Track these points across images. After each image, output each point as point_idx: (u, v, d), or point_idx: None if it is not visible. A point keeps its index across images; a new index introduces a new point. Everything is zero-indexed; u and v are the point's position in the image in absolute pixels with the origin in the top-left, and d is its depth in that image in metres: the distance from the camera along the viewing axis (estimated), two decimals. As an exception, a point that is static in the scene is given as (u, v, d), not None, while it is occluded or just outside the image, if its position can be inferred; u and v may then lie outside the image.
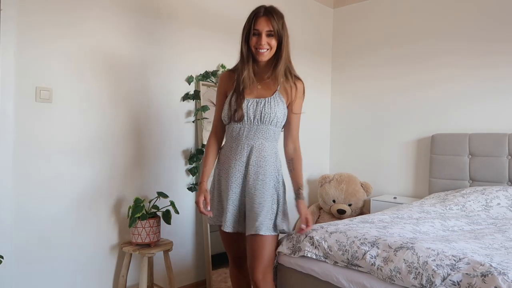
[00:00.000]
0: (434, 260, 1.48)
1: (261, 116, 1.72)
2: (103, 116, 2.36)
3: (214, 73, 2.90)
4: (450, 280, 1.41)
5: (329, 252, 1.76)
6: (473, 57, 3.15)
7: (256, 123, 1.73)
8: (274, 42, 1.71)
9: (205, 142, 2.84)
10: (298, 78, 1.82)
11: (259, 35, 1.70)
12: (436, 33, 3.35)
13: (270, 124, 1.74)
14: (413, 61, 3.48)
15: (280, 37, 1.72)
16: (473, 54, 3.16)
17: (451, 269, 1.43)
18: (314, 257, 1.80)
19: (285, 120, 1.79)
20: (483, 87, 3.11)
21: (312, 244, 1.82)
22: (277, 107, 1.74)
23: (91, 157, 2.31)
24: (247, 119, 1.73)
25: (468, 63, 3.18)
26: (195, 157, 2.78)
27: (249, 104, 1.74)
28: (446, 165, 3.14)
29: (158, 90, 2.63)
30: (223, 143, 1.90)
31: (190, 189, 2.81)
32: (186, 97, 2.77)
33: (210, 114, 2.88)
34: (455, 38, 3.25)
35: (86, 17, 2.26)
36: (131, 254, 2.35)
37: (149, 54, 2.57)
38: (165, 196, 2.43)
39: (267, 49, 1.71)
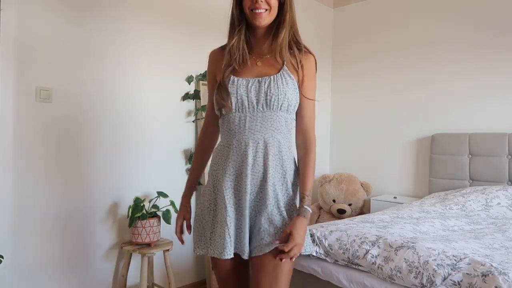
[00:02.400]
0: (435, 259, 1.48)
1: (266, 99, 1.33)
2: (103, 116, 2.36)
3: (214, 73, 2.90)
4: (450, 280, 1.41)
5: (330, 250, 1.76)
6: (473, 57, 3.15)
7: (261, 109, 1.34)
8: (274, 1, 1.33)
9: (205, 142, 2.84)
10: (307, 51, 1.43)
11: None
12: (436, 32, 3.35)
13: (280, 109, 1.34)
14: (413, 61, 3.48)
15: None
16: (473, 54, 3.15)
17: (451, 269, 1.43)
18: (314, 254, 1.80)
19: (297, 104, 1.41)
20: (483, 86, 3.11)
21: (313, 241, 1.82)
22: (286, 87, 1.34)
23: (91, 156, 2.31)
24: (249, 104, 1.34)
25: (468, 63, 3.18)
26: (195, 156, 2.78)
27: (250, 85, 1.34)
28: (446, 165, 3.14)
29: (158, 90, 2.63)
30: (218, 142, 1.49)
31: (190, 188, 2.81)
32: (186, 96, 2.77)
33: (210, 114, 2.88)
34: (455, 38, 3.25)
35: (87, 17, 2.26)
36: (131, 254, 2.34)
37: (149, 54, 2.57)
38: (165, 195, 2.43)
39: (266, 10, 1.32)
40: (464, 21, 3.20)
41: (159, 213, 2.41)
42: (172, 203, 2.39)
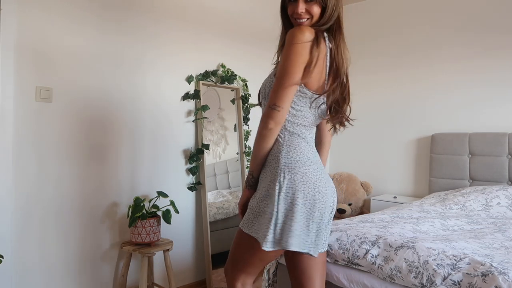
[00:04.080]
0: (435, 259, 1.48)
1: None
2: (102, 116, 2.36)
3: (214, 73, 2.90)
4: (450, 279, 1.41)
5: (330, 250, 1.76)
6: (474, 57, 3.15)
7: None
8: (316, 9, 1.38)
9: (205, 142, 2.84)
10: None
11: (295, 1, 1.39)
12: (437, 33, 3.35)
13: (264, 98, 1.47)
14: (413, 61, 3.48)
15: (324, 1, 1.38)
16: (473, 53, 3.16)
17: (451, 269, 1.43)
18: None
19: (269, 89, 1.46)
20: (483, 86, 3.11)
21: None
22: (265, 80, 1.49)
23: (90, 156, 2.31)
24: None
25: (468, 62, 3.18)
26: (195, 156, 2.78)
27: None
28: (446, 165, 3.14)
29: (158, 90, 2.63)
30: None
31: (190, 188, 2.81)
32: (186, 96, 2.77)
33: (210, 114, 2.88)
34: (455, 38, 3.24)
35: (86, 16, 2.26)
36: (131, 254, 2.35)
37: (150, 54, 2.57)
38: (165, 195, 2.43)
39: (307, 18, 1.39)
40: (465, 21, 3.20)
41: (159, 213, 2.42)
42: (172, 203, 2.39)
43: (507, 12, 3.00)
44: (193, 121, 2.83)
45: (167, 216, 2.35)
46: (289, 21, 1.47)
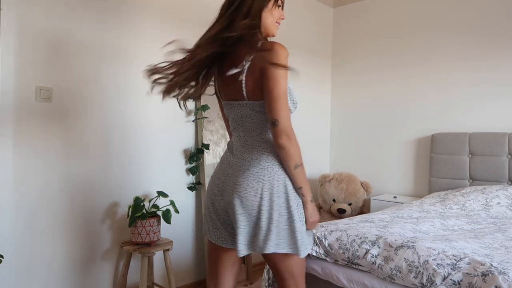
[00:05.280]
0: (435, 259, 1.48)
1: None
2: (103, 115, 2.36)
3: (214, 73, 2.90)
4: (450, 279, 1.41)
5: (330, 250, 1.76)
6: (473, 57, 3.15)
7: None
8: None
9: (205, 142, 2.84)
10: None
11: (282, 7, 1.48)
12: (436, 33, 3.35)
13: None
14: (413, 61, 3.48)
15: None
16: (473, 53, 3.16)
17: (451, 269, 1.43)
18: (314, 254, 1.80)
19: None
20: (483, 86, 3.11)
21: (313, 241, 1.82)
22: None
23: (90, 156, 2.31)
24: None
25: (468, 62, 3.18)
26: (195, 156, 2.78)
27: None
28: (446, 164, 3.14)
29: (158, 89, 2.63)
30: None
31: (190, 188, 2.81)
32: (186, 96, 2.77)
33: (210, 113, 2.88)
34: (455, 38, 3.24)
35: (87, 16, 2.26)
36: (131, 254, 2.35)
37: (150, 53, 2.57)
38: (165, 195, 2.43)
39: None
40: (465, 21, 3.20)
41: (159, 213, 2.41)
42: (172, 203, 2.39)
43: (507, 12, 3.00)
44: (193, 121, 2.83)
45: (167, 216, 2.35)
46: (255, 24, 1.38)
